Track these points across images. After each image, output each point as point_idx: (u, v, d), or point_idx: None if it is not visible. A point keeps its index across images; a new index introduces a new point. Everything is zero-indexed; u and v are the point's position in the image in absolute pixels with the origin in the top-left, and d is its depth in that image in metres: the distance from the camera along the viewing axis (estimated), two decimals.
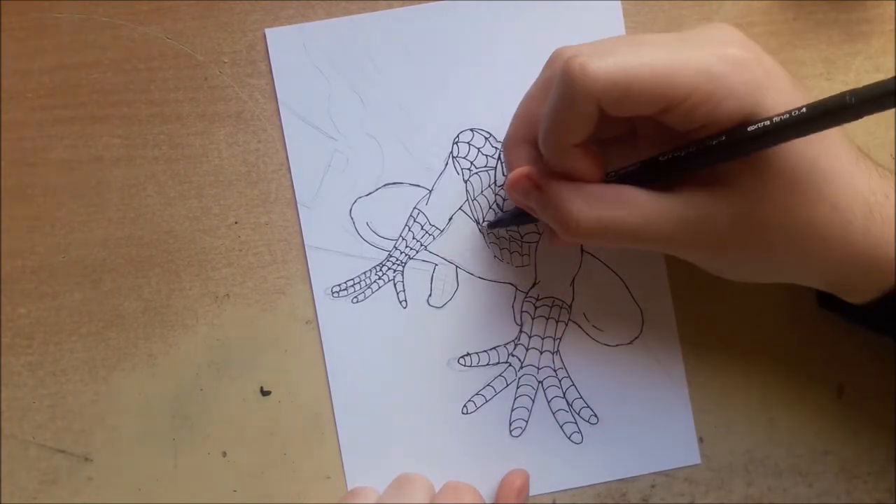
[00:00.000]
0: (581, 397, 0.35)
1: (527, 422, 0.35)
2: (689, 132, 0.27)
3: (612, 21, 0.36)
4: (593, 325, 0.35)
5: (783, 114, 0.24)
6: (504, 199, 0.35)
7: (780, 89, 0.26)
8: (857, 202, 0.27)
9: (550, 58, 0.30)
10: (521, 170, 0.29)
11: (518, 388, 0.35)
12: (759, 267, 0.30)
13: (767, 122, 0.24)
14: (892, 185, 0.28)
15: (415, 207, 0.35)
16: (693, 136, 0.27)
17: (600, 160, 0.29)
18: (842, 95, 0.23)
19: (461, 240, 0.36)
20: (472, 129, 0.36)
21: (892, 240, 0.27)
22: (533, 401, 0.35)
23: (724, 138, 0.26)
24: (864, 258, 0.28)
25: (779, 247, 0.28)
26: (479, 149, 0.36)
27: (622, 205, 0.28)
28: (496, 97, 0.36)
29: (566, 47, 0.29)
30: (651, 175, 0.28)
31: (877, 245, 0.27)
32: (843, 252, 0.28)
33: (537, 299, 0.35)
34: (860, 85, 0.36)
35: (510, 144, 0.31)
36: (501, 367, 0.35)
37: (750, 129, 0.25)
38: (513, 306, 0.35)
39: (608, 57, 0.25)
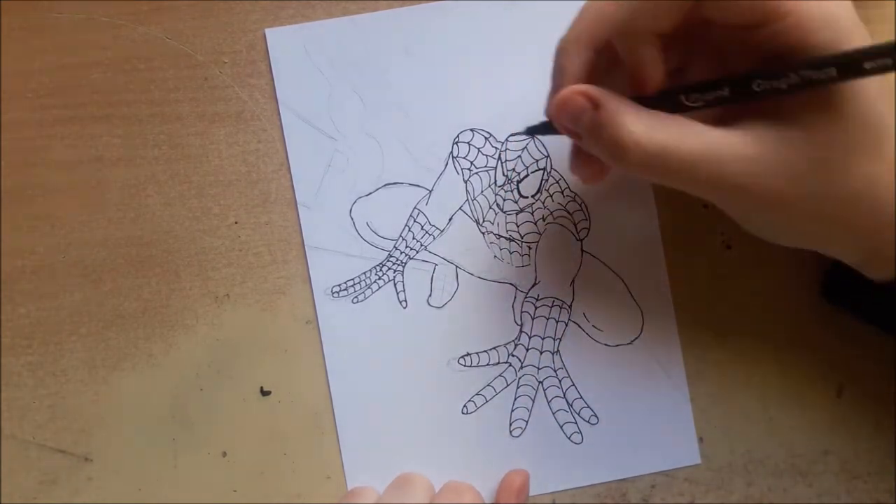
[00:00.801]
0: (581, 397, 0.35)
1: (527, 422, 0.35)
2: (772, 57, 0.26)
3: None
4: (593, 325, 0.35)
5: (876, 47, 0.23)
6: (504, 200, 0.35)
7: (863, 35, 0.25)
8: None
9: None
10: (577, 87, 0.27)
11: (518, 388, 0.35)
12: (810, 229, 0.28)
13: (888, 61, 0.23)
14: None
15: (415, 207, 0.35)
16: (770, 63, 0.25)
17: (667, 65, 0.27)
18: None
19: (461, 240, 0.36)
20: (472, 129, 0.36)
21: None
22: (533, 401, 0.35)
23: (834, 73, 0.24)
24: None
25: (831, 202, 0.26)
26: (479, 149, 0.36)
27: (687, 133, 0.26)
28: (496, 97, 0.36)
29: None
30: (724, 94, 0.26)
31: None
32: (884, 217, 0.27)
33: (537, 299, 0.35)
34: None
35: (568, 46, 0.28)
36: (501, 367, 0.35)
37: (867, 65, 0.24)
38: (513, 306, 0.35)
39: None
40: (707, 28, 0.27)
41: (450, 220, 0.36)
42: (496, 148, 0.36)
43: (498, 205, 0.35)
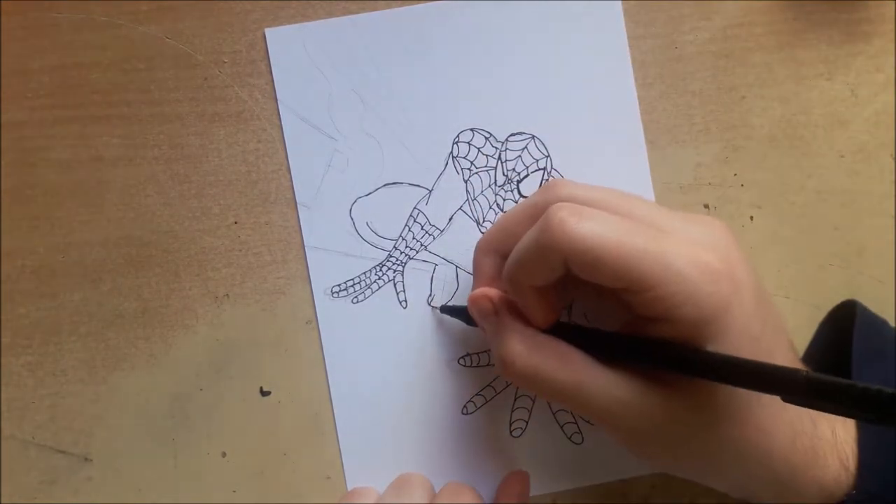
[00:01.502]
0: None
1: (527, 422, 0.35)
2: (644, 317, 0.27)
3: (612, 21, 0.36)
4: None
5: (745, 365, 0.24)
6: (504, 200, 0.35)
7: (742, 308, 0.26)
8: (784, 427, 0.27)
9: (544, 185, 0.30)
10: (486, 290, 0.30)
11: (518, 388, 0.35)
12: (683, 468, 0.29)
13: (729, 364, 0.24)
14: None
15: (415, 207, 0.35)
16: (647, 322, 0.26)
17: (553, 308, 0.29)
18: (796, 373, 0.23)
19: (461, 240, 0.36)
20: (472, 129, 0.36)
21: (809, 472, 0.27)
22: (533, 401, 0.35)
23: (687, 359, 0.25)
24: (784, 483, 0.28)
25: (703, 457, 0.28)
26: (479, 149, 0.36)
27: (560, 362, 0.27)
28: (496, 97, 0.36)
29: (561, 182, 0.29)
30: (597, 343, 0.28)
31: (794, 473, 0.27)
32: (764, 473, 0.28)
33: None
34: (860, 85, 0.36)
35: (482, 249, 0.31)
36: None
37: (711, 376, 0.25)
38: None
39: (588, 221, 0.25)
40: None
41: (450, 220, 0.36)
42: (496, 148, 0.36)
43: (498, 205, 0.35)
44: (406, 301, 0.35)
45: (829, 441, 0.28)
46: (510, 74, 0.36)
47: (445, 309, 0.35)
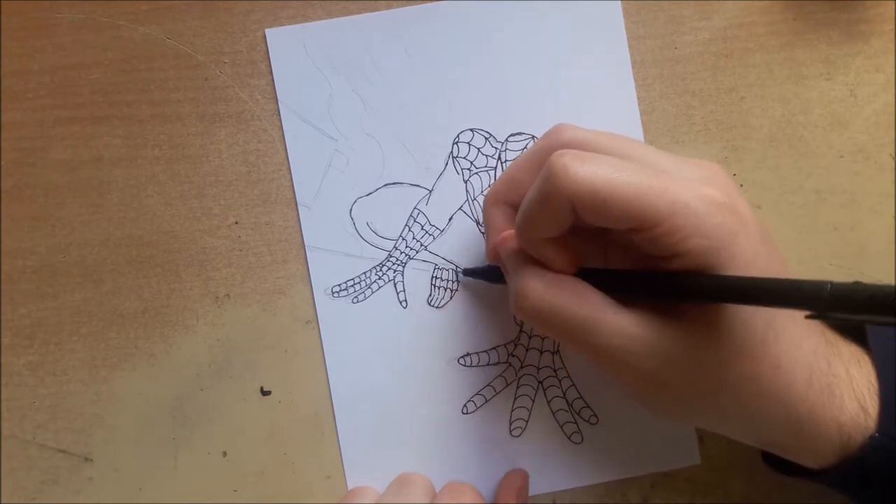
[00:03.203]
0: (581, 397, 0.35)
1: (527, 422, 0.35)
2: (654, 257, 0.27)
3: (612, 21, 0.36)
4: None
5: (762, 283, 0.23)
6: None
7: (749, 239, 0.26)
8: (800, 365, 0.27)
9: (547, 132, 0.30)
10: (510, 232, 0.30)
11: (518, 388, 0.35)
12: (691, 411, 0.29)
13: (747, 284, 0.24)
14: (838, 352, 0.28)
15: (415, 207, 0.35)
16: (658, 261, 0.26)
17: (572, 255, 0.28)
18: (821, 285, 0.22)
19: (461, 240, 0.36)
20: (472, 129, 0.36)
21: (827, 411, 0.27)
22: (533, 401, 0.35)
23: (704, 286, 0.25)
24: (802, 421, 0.27)
25: (717, 398, 0.27)
26: (479, 149, 0.36)
27: (575, 297, 0.27)
28: (496, 97, 0.36)
29: (564, 127, 0.29)
30: (617, 284, 0.28)
31: (812, 412, 0.27)
32: (781, 413, 0.27)
33: None
34: (860, 85, 0.36)
35: (491, 202, 0.32)
36: (501, 367, 0.35)
37: (728, 282, 0.25)
38: None
39: (592, 164, 0.25)
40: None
41: (450, 220, 0.36)
42: (496, 148, 0.36)
43: None
44: (406, 301, 0.35)
45: (845, 380, 0.28)
46: (510, 74, 0.36)
47: (468, 271, 0.35)
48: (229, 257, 0.35)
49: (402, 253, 0.35)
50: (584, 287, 0.28)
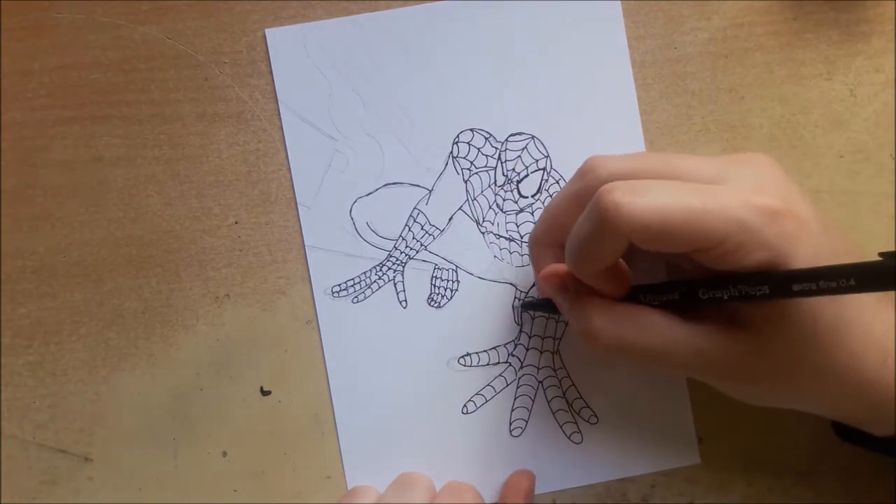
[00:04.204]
0: (581, 397, 0.35)
1: (527, 422, 0.35)
2: (717, 271, 0.26)
3: (612, 21, 0.36)
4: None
5: (826, 270, 0.23)
6: (504, 200, 0.35)
7: (810, 239, 0.26)
8: (874, 348, 0.27)
9: (581, 170, 0.29)
10: (554, 266, 0.30)
11: (518, 388, 0.35)
12: (775, 399, 0.29)
13: (813, 286, 0.24)
14: None
15: (415, 207, 0.35)
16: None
17: (627, 276, 0.29)
18: (883, 260, 0.22)
19: (461, 240, 0.36)
20: (472, 129, 0.36)
21: None
22: (533, 401, 0.35)
23: (767, 291, 0.25)
24: (879, 398, 0.28)
25: (794, 386, 0.28)
26: (479, 149, 0.36)
27: (643, 328, 0.28)
28: (496, 97, 0.36)
29: (598, 162, 0.29)
30: (675, 297, 0.28)
31: (888, 389, 0.27)
32: (858, 392, 0.27)
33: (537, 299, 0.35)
34: (860, 85, 0.36)
35: (536, 245, 0.32)
36: (501, 367, 0.35)
37: (795, 287, 0.24)
38: (513, 306, 0.35)
39: (644, 195, 0.25)
40: None
41: (450, 220, 0.36)
42: (496, 148, 0.36)
43: (498, 205, 0.35)
44: (406, 301, 0.35)
45: None
46: (510, 74, 0.36)
47: (527, 304, 0.35)
48: (229, 257, 0.35)
49: (401, 253, 0.35)
50: (647, 314, 0.28)
